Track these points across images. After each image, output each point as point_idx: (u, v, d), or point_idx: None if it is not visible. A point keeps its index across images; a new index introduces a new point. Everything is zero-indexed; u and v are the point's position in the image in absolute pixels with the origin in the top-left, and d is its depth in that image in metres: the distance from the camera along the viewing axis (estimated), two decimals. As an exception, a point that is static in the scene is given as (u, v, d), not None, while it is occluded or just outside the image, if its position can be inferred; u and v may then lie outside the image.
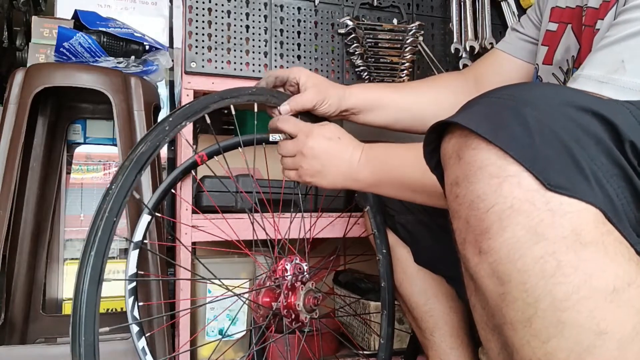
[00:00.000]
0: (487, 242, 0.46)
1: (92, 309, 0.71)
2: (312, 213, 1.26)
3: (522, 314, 0.44)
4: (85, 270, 0.72)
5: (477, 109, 0.50)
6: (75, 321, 0.71)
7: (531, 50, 0.99)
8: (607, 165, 0.46)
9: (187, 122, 0.86)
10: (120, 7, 1.75)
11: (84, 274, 0.72)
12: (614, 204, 0.46)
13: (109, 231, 0.75)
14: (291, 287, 0.98)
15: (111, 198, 0.76)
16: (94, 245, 0.73)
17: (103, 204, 0.76)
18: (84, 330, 0.70)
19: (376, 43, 1.33)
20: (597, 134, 0.47)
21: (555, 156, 0.45)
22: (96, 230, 0.74)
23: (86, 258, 0.73)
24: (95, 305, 0.72)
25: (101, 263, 0.73)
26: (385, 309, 1.11)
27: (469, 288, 0.53)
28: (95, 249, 0.73)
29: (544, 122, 0.46)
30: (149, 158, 0.80)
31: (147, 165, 0.80)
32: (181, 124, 0.85)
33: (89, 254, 0.73)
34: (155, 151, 0.81)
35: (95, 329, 0.71)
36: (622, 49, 0.62)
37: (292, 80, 1.00)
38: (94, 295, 0.72)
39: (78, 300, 0.71)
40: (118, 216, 0.76)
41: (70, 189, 1.56)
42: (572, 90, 0.53)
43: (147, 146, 0.80)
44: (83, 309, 0.71)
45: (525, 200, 0.44)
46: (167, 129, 0.83)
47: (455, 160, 0.50)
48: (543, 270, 0.43)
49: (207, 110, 0.90)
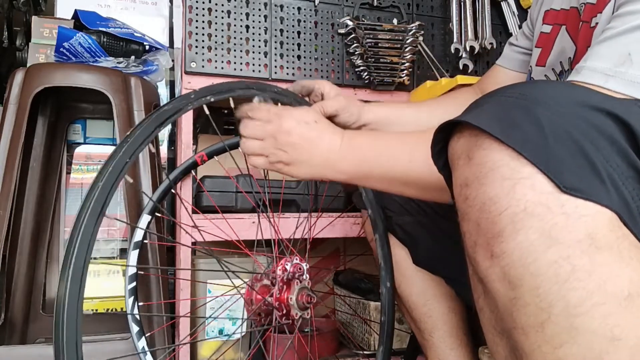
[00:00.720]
0: (499, 246, 0.45)
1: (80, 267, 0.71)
2: (313, 213, 1.26)
3: (534, 319, 0.43)
4: (89, 204, 0.73)
5: (487, 108, 0.49)
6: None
7: (524, 60, 1.01)
8: (622, 167, 0.45)
9: (212, 97, 0.88)
10: (120, 7, 1.75)
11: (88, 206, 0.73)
12: (629, 207, 0.45)
13: (119, 170, 0.75)
14: (286, 282, 0.97)
15: (126, 145, 0.77)
16: (102, 179, 0.75)
17: (118, 151, 0.77)
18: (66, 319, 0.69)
19: (376, 43, 1.33)
20: (612, 135, 0.45)
21: (569, 157, 0.44)
22: (108, 165, 0.76)
23: (90, 197, 0.73)
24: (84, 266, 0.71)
25: (104, 200, 0.73)
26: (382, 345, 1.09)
27: (477, 291, 0.52)
28: (105, 180, 0.74)
29: (558, 122, 0.45)
30: (171, 117, 0.83)
31: (167, 123, 0.83)
32: (206, 97, 0.87)
33: (97, 184, 0.74)
34: (177, 113, 0.84)
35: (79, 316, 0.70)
36: (629, 41, 0.60)
37: (317, 90, 0.99)
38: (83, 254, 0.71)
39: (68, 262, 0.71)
40: (130, 161, 0.77)
41: (70, 189, 1.56)
42: (583, 89, 0.52)
43: (171, 106, 0.83)
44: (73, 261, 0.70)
45: (539, 203, 0.43)
46: (193, 97, 0.86)
47: (465, 161, 0.49)
48: (557, 275, 0.42)
49: (233, 94, 0.90)
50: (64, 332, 0.69)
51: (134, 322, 1.05)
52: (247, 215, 1.22)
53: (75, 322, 0.69)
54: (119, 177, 0.75)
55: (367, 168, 0.76)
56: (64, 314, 0.69)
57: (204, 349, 1.29)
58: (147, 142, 0.79)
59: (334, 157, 0.77)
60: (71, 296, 0.70)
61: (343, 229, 1.30)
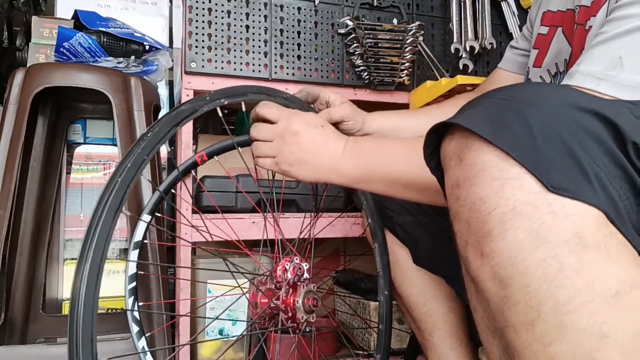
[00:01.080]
0: (488, 245, 0.45)
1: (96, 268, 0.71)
2: (317, 213, 1.26)
3: (524, 317, 0.43)
4: (107, 197, 0.74)
5: (478, 110, 0.50)
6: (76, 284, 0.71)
7: (524, 62, 1.01)
8: (609, 167, 0.46)
9: (226, 100, 0.91)
10: (120, 7, 1.75)
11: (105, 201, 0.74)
12: (616, 206, 0.46)
13: (137, 167, 0.78)
14: (292, 285, 0.98)
15: (144, 142, 0.80)
16: (122, 173, 0.77)
17: (136, 148, 0.80)
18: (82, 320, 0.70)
19: (376, 43, 1.33)
20: (600, 135, 0.46)
21: (557, 158, 0.45)
22: (130, 156, 0.78)
23: (108, 192, 0.75)
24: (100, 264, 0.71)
25: (123, 195, 0.75)
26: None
27: (470, 290, 0.53)
28: (123, 176, 0.76)
29: (546, 123, 0.46)
30: (187, 117, 0.86)
31: (184, 123, 0.87)
32: (220, 99, 0.90)
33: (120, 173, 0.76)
34: (193, 114, 0.87)
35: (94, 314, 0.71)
36: (620, 45, 0.62)
37: (322, 98, 1.00)
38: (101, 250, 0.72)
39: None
40: (148, 158, 0.80)
41: (70, 189, 1.56)
42: (573, 90, 0.53)
43: (188, 107, 0.87)
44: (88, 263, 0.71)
45: (527, 203, 0.44)
46: (208, 99, 0.89)
47: (456, 162, 0.50)
48: (545, 274, 0.42)
49: (245, 98, 0.94)
50: (80, 325, 0.69)
51: (134, 322, 1.05)
52: (247, 215, 1.23)
53: (91, 317, 0.70)
54: (137, 173, 0.78)
55: (368, 173, 0.79)
56: (80, 307, 0.69)
57: (204, 349, 1.29)
58: (164, 140, 0.82)
59: (337, 161, 0.80)
60: (88, 290, 0.70)
61: (343, 229, 1.30)
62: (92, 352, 0.70)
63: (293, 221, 1.23)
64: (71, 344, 0.69)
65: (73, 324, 0.70)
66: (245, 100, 0.94)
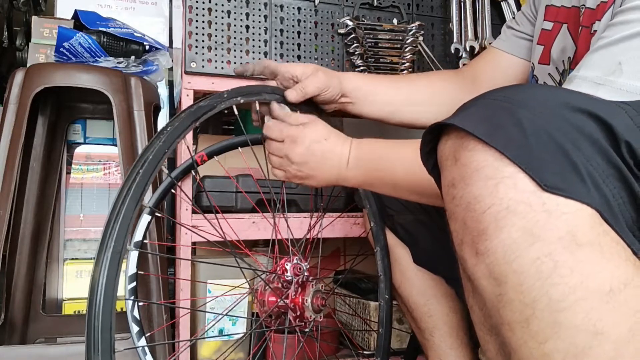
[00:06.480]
0: (483, 244, 0.46)
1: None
2: (313, 213, 1.26)
3: (519, 315, 0.44)
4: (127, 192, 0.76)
5: (474, 111, 0.51)
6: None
7: (527, 47, 0.99)
8: (603, 166, 0.46)
9: (242, 99, 0.96)
10: (121, 7, 1.75)
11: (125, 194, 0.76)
12: (610, 204, 0.46)
13: (158, 159, 0.80)
14: (301, 284, 0.98)
15: (165, 136, 0.82)
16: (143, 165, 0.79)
17: (157, 141, 0.82)
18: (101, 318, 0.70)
19: (376, 43, 1.33)
20: (593, 135, 0.47)
21: (551, 157, 0.45)
22: (148, 150, 0.81)
23: (130, 183, 0.76)
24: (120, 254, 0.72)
25: (144, 187, 0.77)
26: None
27: (467, 289, 0.53)
28: (145, 168, 0.78)
29: (540, 124, 0.46)
30: (206, 113, 0.91)
31: (203, 118, 0.91)
32: (236, 97, 0.96)
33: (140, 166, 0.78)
34: (211, 110, 0.92)
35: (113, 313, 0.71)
36: (619, 50, 0.62)
37: (285, 74, 1.00)
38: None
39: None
40: (169, 151, 0.83)
41: (70, 189, 1.56)
42: (567, 91, 0.54)
43: (206, 103, 0.92)
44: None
45: (521, 202, 0.44)
46: (225, 97, 0.94)
47: (451, 162, 0.50)
48: (539, 272, 0.43)
49: (259, 97, 0.98)
50: (99, 314, 0.70)
51: (133, 322, 1.05)
52: (247, 215, 1.23)
53: (110, 307, 0.71)
54: (158, 164, 0.81)
55: (371, 178, 0.84)
56: (100, 296, 0.70)
57: (204, 349, 1.29)
58: (184, 134, 0.86)
59: (343, 173, 0.86)
60: (108, 280, 0.71)
61: (343, 229, 1.30)
62: (111, 340, 0.70)
63: (293, 221, 1.23)
64: (89, 331, 0.69)
65: (92, 313, 0.70)
66: (260, 99, 0.98)
